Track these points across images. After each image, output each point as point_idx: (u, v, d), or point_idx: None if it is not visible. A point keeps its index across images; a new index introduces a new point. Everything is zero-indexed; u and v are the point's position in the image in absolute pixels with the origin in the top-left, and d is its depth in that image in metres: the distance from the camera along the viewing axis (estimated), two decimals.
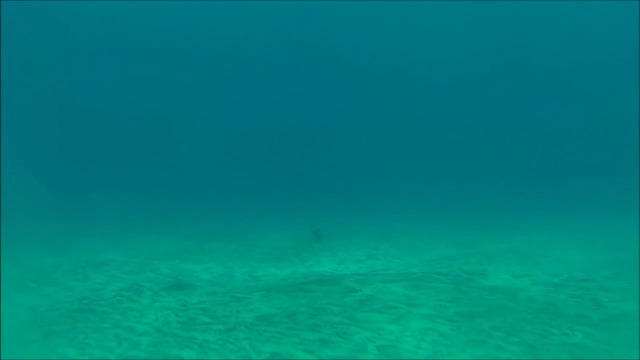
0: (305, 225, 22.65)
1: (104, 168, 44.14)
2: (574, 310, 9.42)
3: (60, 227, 23.61)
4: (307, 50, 56.85)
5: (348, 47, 55.78)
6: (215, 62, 57.12)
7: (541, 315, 9.12)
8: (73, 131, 50.40)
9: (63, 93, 49.62)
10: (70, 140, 49.45)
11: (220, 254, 16.41)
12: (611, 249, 15.89)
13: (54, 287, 11.86)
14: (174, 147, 52.17)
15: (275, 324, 8.67)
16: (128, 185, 38.91)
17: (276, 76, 58.90)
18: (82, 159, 46.51)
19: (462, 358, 7.28)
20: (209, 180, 43.29)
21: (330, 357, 7.29)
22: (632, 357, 7.09)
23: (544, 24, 51.26)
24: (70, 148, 48.25)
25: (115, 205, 30.79)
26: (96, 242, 19.43)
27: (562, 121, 51.22)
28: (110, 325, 8.87)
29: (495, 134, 51.49)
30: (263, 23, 53.32)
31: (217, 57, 56.74)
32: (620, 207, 27.33)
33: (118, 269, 14.02)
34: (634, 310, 9.27)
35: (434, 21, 53.72)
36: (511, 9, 50.42)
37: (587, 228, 21.07)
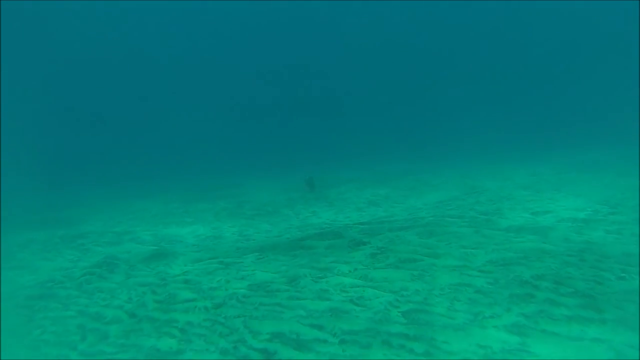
0: (296, 175, 20.84)
1: (84, 136, 41.80)
2: (619, 248, 7.77)
3: (39, 200, 21.63)
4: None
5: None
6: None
7: (585, 257, 7.46)
8: (60, 105, 47.85)
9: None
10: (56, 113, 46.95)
11: (207, 214, 14.57)
12: (625, 177, 14.28)
13: (17, 270, 9.98)
14: (157, 106, 49.76)
15: (273, 293, 6.92)
16: (110, 152, 36.75)
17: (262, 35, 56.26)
18: (65, 132, 44.11)
19: (510, 321, 5.61)
20: (193, 138, 41.21)
21: (346, 331, 5.58)
22: None
23: None
24: (55, 121, 45.78)
25: (97, 173, 28.76)
26: (76, 213, 17.51)
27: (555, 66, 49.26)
28: (74, 313, 7.06)
29: (483, 75, 49.55)
30: None
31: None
32: (621, 136, 25.73)
33: (94, 241, 12.16)
34: None
35: None
36: None
37: (592, 159, 19.44)
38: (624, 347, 4.99)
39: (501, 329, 5.43)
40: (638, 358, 4.98)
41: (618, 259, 7.30)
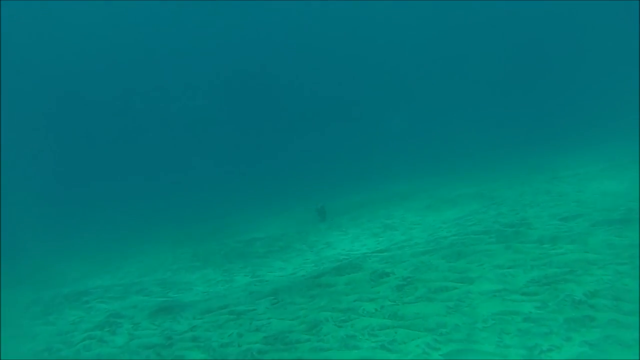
0: (306, 204, 19.94)
1: (84, 180, 40.93)
2: None
3: (44, 252, 20.76)
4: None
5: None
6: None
7: (638, 263, 6.51)
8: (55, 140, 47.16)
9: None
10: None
11: (217, 255, 13.64)
12: None
13: (14, 338, 9.06)
14: (156, 144, 49.01)
15: (292, 345, 5.97)
16: (112, 196, 35.92)
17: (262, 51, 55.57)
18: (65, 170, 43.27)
19: (573, 352, 4.67)
20: (196, 176, 40.38)
21: None
22: None
23: None
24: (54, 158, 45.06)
25: (102, 219, 27.94)
26: (83, 266, 16.64)
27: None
28: None
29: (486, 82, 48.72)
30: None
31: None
32: (631, 129, 24.74)
33: (100, 297, 11.23)
34: None
35: None
36: None
37: (608, 154, 18.47)
38: None
39: None
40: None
41: None
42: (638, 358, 4.59)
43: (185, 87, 53.34)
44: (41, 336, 8.83)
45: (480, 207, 13.03)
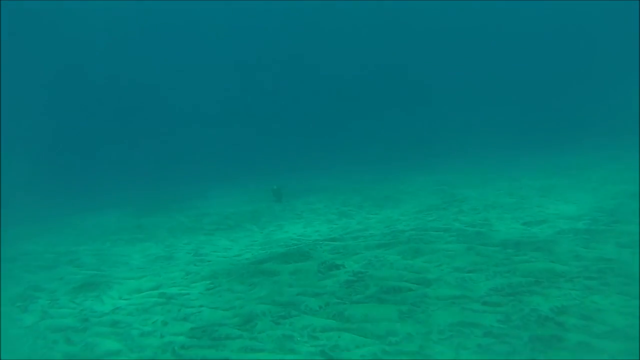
0: (263, 184, 19.03)
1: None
2: None
3: None
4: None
5: None
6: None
7: (608, 279, 5.88)
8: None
9: None
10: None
11: (162, 229, 12.66)
12: (610, 182, 12.88)
13: None
14: (114, 110, 47.07)
15: (221, 342, 5.12)
16: (67, 162, 34.28)
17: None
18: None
19: None
20: (153, 144, 38.89)
21: None
22: None
23: None
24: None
25: (54, 183, 26.44)
26: (23, 230, 15.43)
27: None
28: None
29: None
30: None
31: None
32: (599, 140, 24.51)
33: (26, 265, 10.16)
34: None
35: None
36: None
37: (570, 164, 18.09)
38: None
39: None
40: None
41: None
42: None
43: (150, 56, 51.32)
44: None
45: (441, 203, 12.38)
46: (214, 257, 9.27)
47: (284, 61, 53.17)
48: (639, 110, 26.49)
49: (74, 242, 12.43)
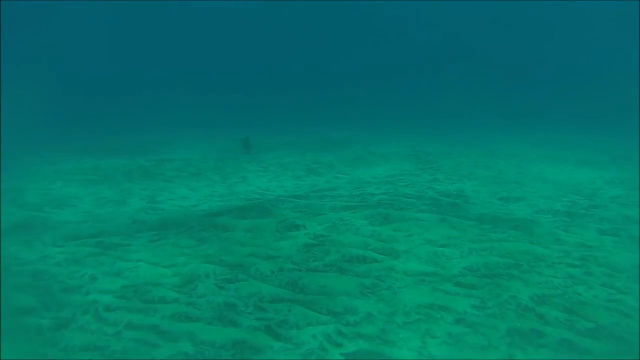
0: (233, 135, 18.04)
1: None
2: (626, 258, 5.62)
3: None
4: None
5: None
6: None
7: (591, 268, 5.26)
8: None
9: None
10: None
11: (119, 172, 11.69)
12: (589, 168, 12.33)
13: None
14: (89, 53, 44.94)
15: (153, 305, 4.33)
16: (38, 105, 32.52)
17: None
18: None
19: None
20: (121, 87, 37.19)
21: None
22: None
23: None
24: None
25: (22, 124, 24.94)
26: None
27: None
28: None
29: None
30: None
31: None
32: (566, 120, 24.02)
33: None
34: None
35: None
36: None
37: (546, 141, 17.52)
38: None
39: None
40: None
41: (631, 274, 5.13)
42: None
43: None
44: None
45: (414, 169, 11.67)
46: (168, 205, 8.42)
47: (264, 14, 51.36)
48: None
49: (24, 179, 11.42)
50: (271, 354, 3.64)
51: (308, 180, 10.39)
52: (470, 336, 3.86)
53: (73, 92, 35.99)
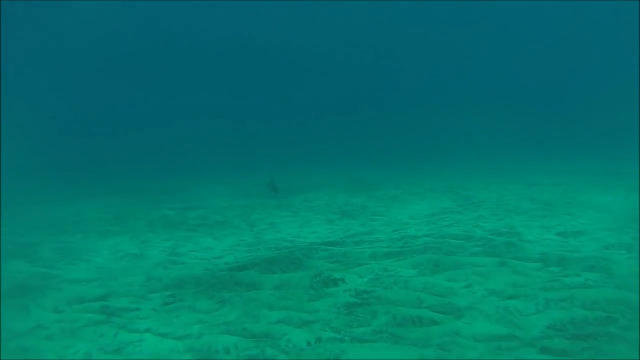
0: (259, 178, 17.16)
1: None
2: None
3: None
4: None
5: None
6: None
7: None
8: None
9: None
10: None
11: (141, 221, 10.80)
12: (634, 191, 11.10)
13: None
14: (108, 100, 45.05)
15: None
16: (59, 150, 32.32)
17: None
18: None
19: None
20: (142, 132, 36.95)
21: None
22: None
23: None
24: None
25: (39, 169, 24.61)
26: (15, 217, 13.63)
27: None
28: None
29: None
30: None
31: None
32: (617, 146, 22.64)
33: None
34: None
35: None
36: None
37: (589, 169, 16.24)
38: None
39: None
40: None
41: None
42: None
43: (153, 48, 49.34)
44: None
45: (455, 206, 10.54)
46: (189, 258, 7.44)
47: (286, 51, 51.36)
48: None
49: (44, 231, 10.62)
50: None
51: (341, 224, 9.34)
52: None
53: (95, 134, 35.97)
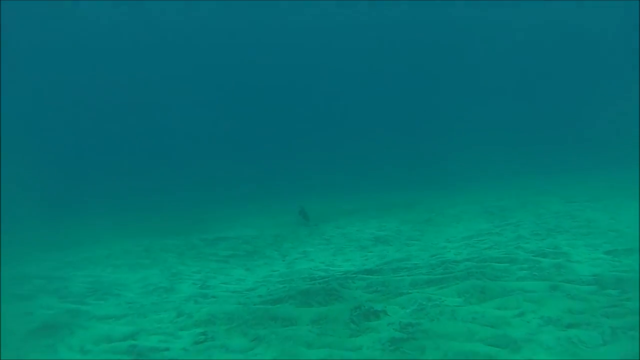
0: (289, 206, 16.88)
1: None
2: None
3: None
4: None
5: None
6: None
7: None
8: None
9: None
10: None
11: (172, 253, 10.57)
12: None
13: None
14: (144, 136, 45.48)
15: None
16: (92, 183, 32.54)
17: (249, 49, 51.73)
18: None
19: None
20: (174, 163, 37.06)
21: None
22: None
23: None
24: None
25: (75, 205, 24.76)
26: (35, 247, 13.61)
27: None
28: None
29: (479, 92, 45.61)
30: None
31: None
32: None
33: (7, 291, 8.22)
34: None
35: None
36: None
37: (626, 180, 15.55)
38: None
39: None
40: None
41: None
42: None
43: (178, 83, 49.94)
44: None
45: (492, 227, 10.06)
46: (221, 290, 7.14)
47: (315, 81, 51.52)
48: None
49: (74, 266, 10.49)
50: None
51: (376, 251, 8.95)
52: None
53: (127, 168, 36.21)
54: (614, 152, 24.48)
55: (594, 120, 34.25)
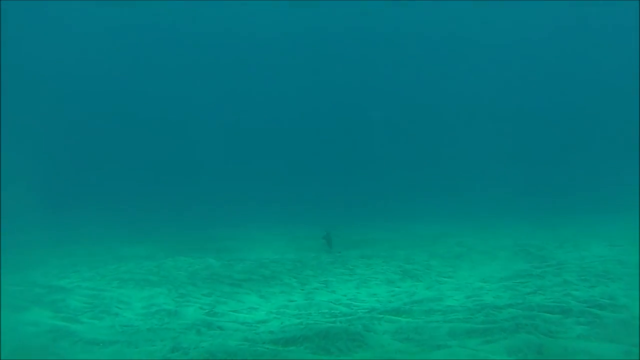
0: (311, 231, 15.93)
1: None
2: None
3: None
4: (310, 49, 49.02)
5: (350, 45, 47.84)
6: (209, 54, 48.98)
7: None
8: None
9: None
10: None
11: (183, 272, 9.69)
12: None
13: None
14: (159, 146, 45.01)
15: None
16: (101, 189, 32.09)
17: (275, 70, 50.97)
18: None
19: None
20: (195, 179, 36.43)
21: None
22: None
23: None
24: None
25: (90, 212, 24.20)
26: (42, 254, 12.99)
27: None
28: None
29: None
30: (266, 21, 45.34)
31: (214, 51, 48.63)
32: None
33: (3, 301, 7.47)
34: None
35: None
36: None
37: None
38: None
39: None
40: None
41: None
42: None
43: (198, 95, 49.48)
44: None
45: (531, 268, 8.95)
46: (229, 320, 6.21)
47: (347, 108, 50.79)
48: None
49: (82, 274, 9.73)
50: None
51: (404, 286, 7.94)
52: None
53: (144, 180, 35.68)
54: None
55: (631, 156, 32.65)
